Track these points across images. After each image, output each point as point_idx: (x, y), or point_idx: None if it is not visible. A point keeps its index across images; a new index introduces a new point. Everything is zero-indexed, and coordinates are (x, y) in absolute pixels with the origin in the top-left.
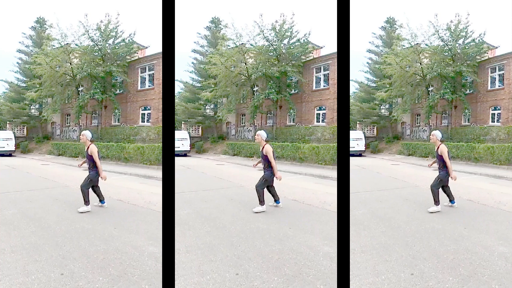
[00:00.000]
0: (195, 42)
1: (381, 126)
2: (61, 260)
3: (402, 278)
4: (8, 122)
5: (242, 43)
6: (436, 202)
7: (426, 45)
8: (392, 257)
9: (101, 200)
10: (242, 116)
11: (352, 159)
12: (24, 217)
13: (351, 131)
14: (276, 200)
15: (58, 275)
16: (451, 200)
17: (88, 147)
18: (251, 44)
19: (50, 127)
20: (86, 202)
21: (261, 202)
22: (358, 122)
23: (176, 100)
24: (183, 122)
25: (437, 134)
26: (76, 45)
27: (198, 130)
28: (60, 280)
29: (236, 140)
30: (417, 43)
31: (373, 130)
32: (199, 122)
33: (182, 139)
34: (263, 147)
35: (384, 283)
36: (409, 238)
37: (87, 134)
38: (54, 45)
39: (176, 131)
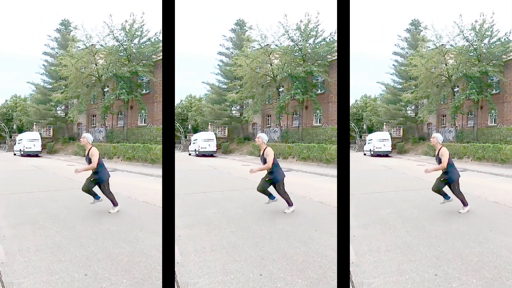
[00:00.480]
0: (220, 45)
1: (407, 127)
2: (85, 261)
3: (426, 278)
4: (34, 123)
5: (267, 44)
6: (444, 195)
7: (451, 45)
8: (416, 257)
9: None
10: (268, 117)
11: (378, 159)
12: (49, 216)
13: (378, 132)
14: (271, 196)
15: (82, 276)
16: (445, 196)
17: (89, 150)
18: (276, 45)
19: (76, 128)
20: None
21: (289, 203)
22: (384, 123)
23: (202, 102)
24: (209, 123)
25: (438, 136)
26: (101, 45)
27: (225, 131)
28: (84, 281)
29: None
30: (442, 44)
31: (399, 131)
32: (225, 123)
33: (209, 140)
34: (264, 150)
35: (408, 282)
36: (434, 239)
37: (88, 136)
38: (79, 47)
39: (202, 132)
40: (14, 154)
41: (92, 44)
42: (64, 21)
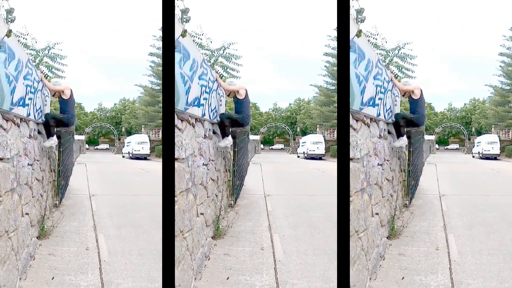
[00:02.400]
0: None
1: None
2: None
3: None
4: (143, 126)
5: None
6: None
7: None
8: None
9: None
10: None
11: (486, 162)
12: (153, 221)
13: (487, 135)
14: None
15: None
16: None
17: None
18: None
19: None
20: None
21: None
22: (493, 126)
23: (311, 104)
24: (318, 126)
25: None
26: None
27: (508, 134)
28: None
29: None
30: None
31: (508, 134)
32: (333, 126)
33: (317, 143)
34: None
35: None
36: None
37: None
38: None
39: (311, 135)
40: (123, 157)
41: None
42: None
